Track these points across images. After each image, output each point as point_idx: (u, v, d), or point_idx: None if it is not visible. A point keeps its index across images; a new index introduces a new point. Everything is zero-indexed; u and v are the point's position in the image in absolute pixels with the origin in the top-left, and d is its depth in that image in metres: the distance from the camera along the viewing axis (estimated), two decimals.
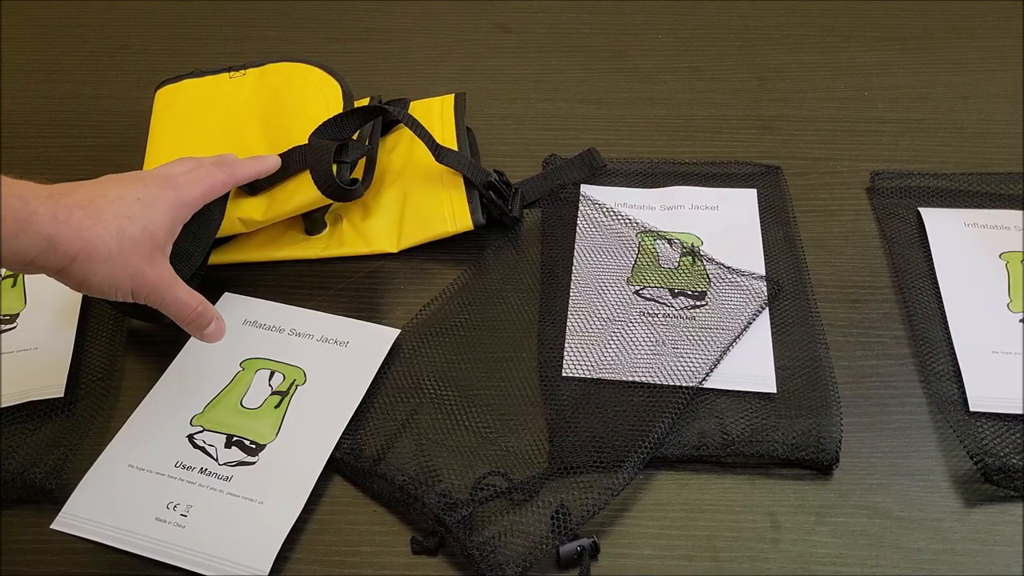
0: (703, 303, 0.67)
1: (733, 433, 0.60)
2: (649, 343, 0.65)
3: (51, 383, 0.64)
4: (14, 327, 0.67)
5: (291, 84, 0.78)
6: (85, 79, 0.92)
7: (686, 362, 0.63)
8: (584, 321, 0.67)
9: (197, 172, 0.63)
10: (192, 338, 0.67)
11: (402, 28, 0.97)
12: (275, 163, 0.69)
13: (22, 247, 0.51)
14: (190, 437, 0.61)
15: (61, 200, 0.53)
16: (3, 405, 0.62)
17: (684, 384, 0.62)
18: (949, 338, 0.65)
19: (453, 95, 0.81)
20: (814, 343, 0.65)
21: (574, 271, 0.70)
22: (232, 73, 0.81)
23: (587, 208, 0.74)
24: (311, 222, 0.73)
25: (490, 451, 0.60)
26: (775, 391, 0.62)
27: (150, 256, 0.56)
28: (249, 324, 0.68)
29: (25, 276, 0.71)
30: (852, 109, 0.85)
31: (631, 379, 0.63)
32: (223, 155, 0.68)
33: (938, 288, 0.68)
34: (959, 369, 0.63)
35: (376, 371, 0.64)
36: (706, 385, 0.62)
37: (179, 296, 0.58)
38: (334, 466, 0.60)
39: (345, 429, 0.60)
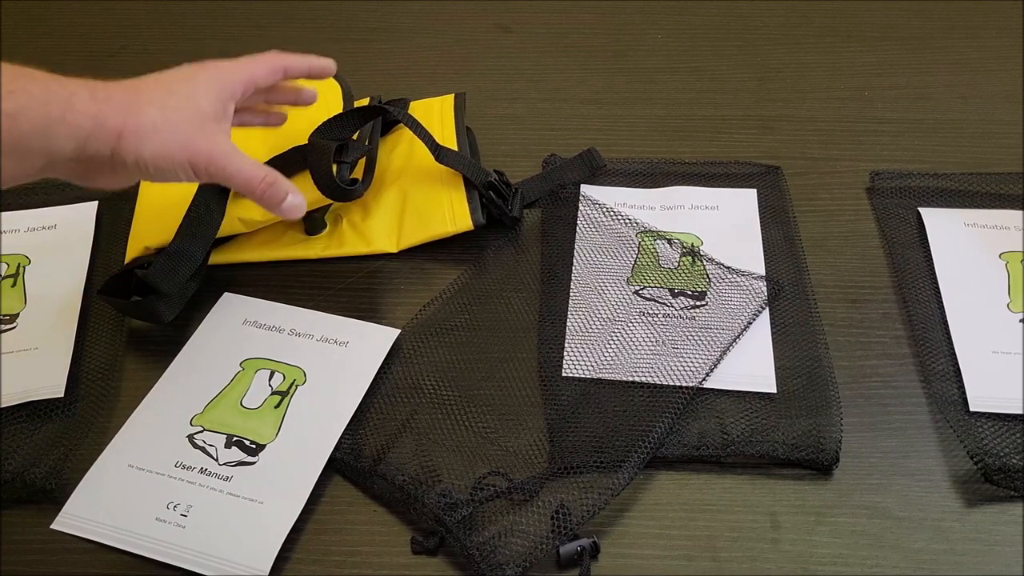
0: (703, 303, 0.67)
1: (733, 433, 0.60)
2: (649, 343, 0.65)
3: (51, 383, 0.64)
4: (14, 327, 0.67)
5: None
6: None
7: (686, 362, 0.63)
8: (584, 321, 0.67)
9: (239, 59, 0.61)
10: (192, 338, 0.67)
11: (402, 28, 0.97)
12: (328, 65, 0.65)
13: (71, 130, 0.51)
14: (190, 437, 0.61)
15: (99, 85, 0.53)
16: (3, 405, 0.62)
17: (684, 384, 0.62)
18: (949, 338, 0.65)
19: (453, 95, 0.81)
20: (814, 343, 0.65)
21: (574, 271, 0.70)
22: None
23: (587, 208, 0.74)
24: (311, 222, 0.73)
25: (490, 451, 0.60)
26: (775, 391, 0.62)
27: (200, 125, 0.55)
28: (249, 324, 0.68)
29: (25, 276, 0.71)
30: (852, 109, 0.85)
31: (631, 379, 0.63)
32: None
33: (938, 288, 0.68)
34: (959, 369, 0.63)
35: (376, 371, 0.64)
36: (706, 385, 0.62)
37: (243, 167, 0.56)
38: (334, 466, 0.60)
39: (345, 429, 0.60)
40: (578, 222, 0.74)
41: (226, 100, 0.58)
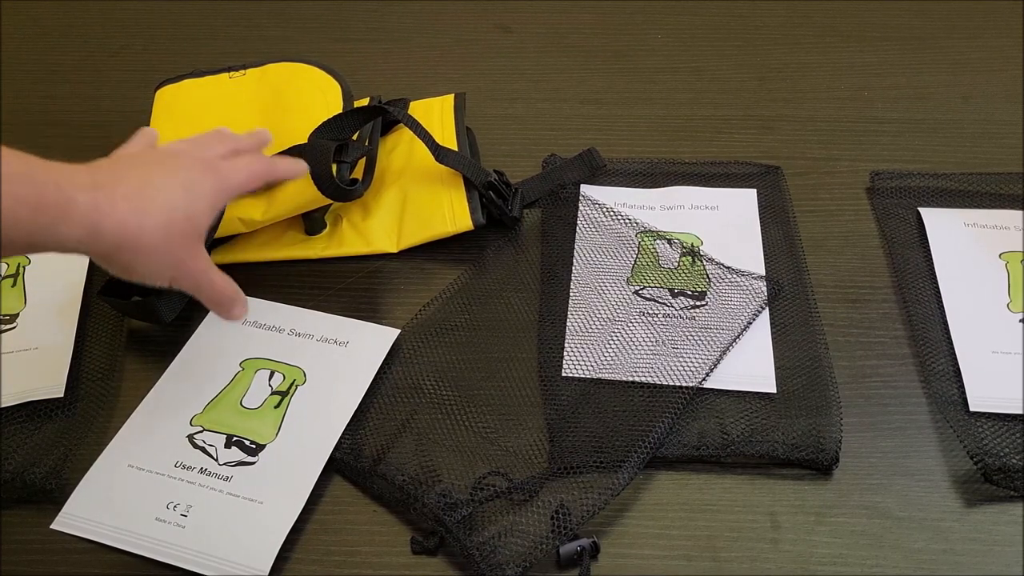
0: (703, 303, 0.67)
1: (733, 433, 0.60)
2: (649, 343, 0.65)
3: (51, 383, 0.64)
4: (14, 327, 0.67)
5: (291, 84, 0.78)
6: (85, 79, 0.92)
7: (686, 362, 0.63)
8: (584, 321, 0.67)
9: (239, 160, 0.61)
10: (192, 338, 0.67)
11: (402, 28, 0.97)
12: (305, 169, 0.67)
13: (62, 236, 0.50)
14: (190, 437, 0.61)
15: (105, 191, 0.51)
16: (3, 405, 0.62)
17: (684, 384, 0.62)
18: (949, 338, 0.65)
19: (453, 95, 0.81)
20: (814, 343, 0.65)
21: (574, 271, 0.70)
22: (232, 73, 0.81)
23: (587, 208, 0.74)
24: (311, 222, 0.73)
25: (490, 451, 0.60)
26: (775, 391, 0.62)
27: (192, 245, 0.56)
28: (249, 324, 0.68)
29: (25, 276, 0.71)
30: (852, 109, 0.85)
31: (631, 379, 0.63)
32: (258, 135, 0.67)
33: (938, 288, 0.68)
34: (959, 369, 0.63)
35: (376, 371, 0.64)
36: (706, 385, 0.62)
37: (213, 282, 0.58)
38: (334, 466, 0.60)
39: (345, 429, 0.60)
40: (578, 222, 0.74)
41: (217, 210, 0.59)
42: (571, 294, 0.69)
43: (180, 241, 0.54)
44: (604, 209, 0.74)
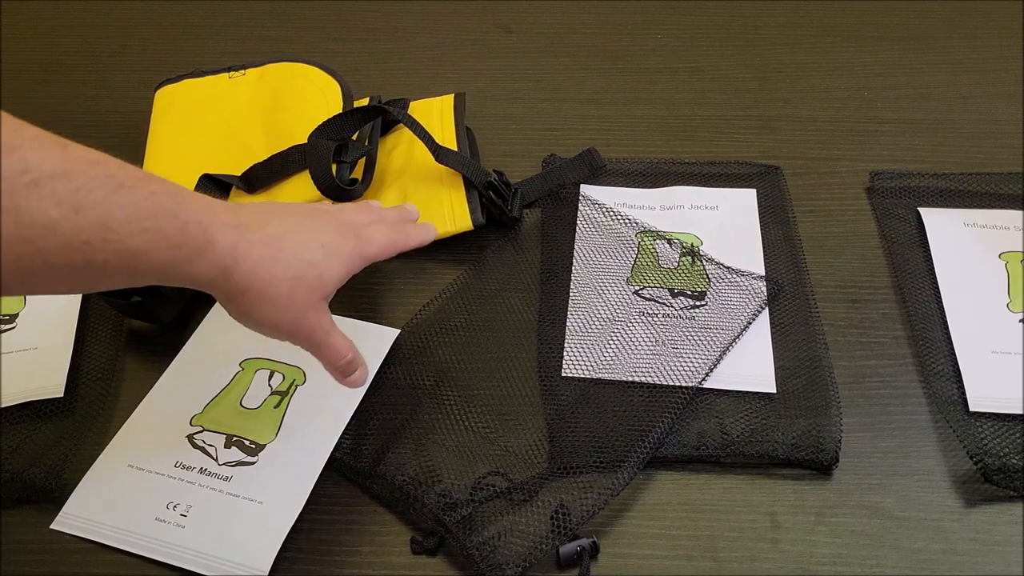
0: (703, 303, 0.67)
1: (733, 433, 0.60)
2: (649, 343, 0.65)
3: (51, 383, 0.64)
4: (14, 327, 0.67)
5: (291, 84, 0.78)
6: (85, 79, 0.92)
7: (686, 362, 0.63)
8: (584, 321, 0.67)
9: (379, 229, 0.61)
10: (192, 338, 0.67)
11: (402, 28, 0.97)
12: (434, 232, 0.67)
13: (195, 272, 0.49)
14: (190, 437, 0.61)
15: (246, 233, 0.51)
16: (3, 405, 0.62)
17: (684, 384, 0.62)
18: (949, 338, 0.65)
19: (453, 95, 0.81)
20: (814, 343, 0.65)
21: (574, 271, 0.70)
22: (232, 73, 0.81)
23: (587, 208, 0.74)
24: None
25: (490, 451, 0.60)
26: (775, 391, 0.62)
27: (316, 304, 0.54)
28: None
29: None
30: (852, 109, 0.85)
31: (631, 379, 0.63)
32: (404, 211, 0.67)
33: (938, 288, 0.68)
34: (959, 369, 0.63)
35: (376, 371, 0.64)
36: (706, 385, 0.62)
37: (333, 342, 0.56)
38: (334, 466, 0.60)
39: (345, 429, 0.60)
40: (578, 222, 0.74)
41: (350, 275, 0.57)
42: (571, 294, 0.69)
43: (306, 297, 0.53)
44: (604, 209, 0.74)
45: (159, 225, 0.46)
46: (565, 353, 0.65)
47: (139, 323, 0.69)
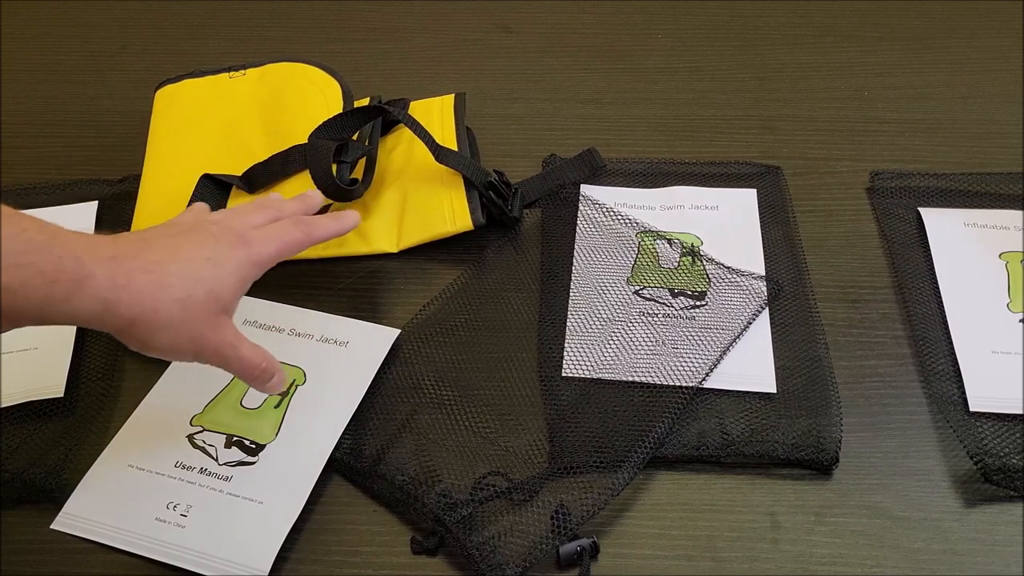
0: (703, 303, 0.67)
1: (733, 433, 0.60)
2: (649, 343, 0.65)
3: (51, 383, 0.64)
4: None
5: (291, 84, 0.78)
6: (85, 79, 0.92)
7: (686, 362, 0.63)
8: (584, 321, 0.67)
9: (273, 229, 0.58)
10: None
11: (402, 28, 0.97)
12: (355, 221, 0.64)
13: (75, 309, 0.48)
14: (190, 437, 0.61)
15: (124, 263, 0.49)
16: (3, 405, 0.62)
17: (684, 384, 0.62)
18: (949, 338, 0.65)
19: (453, 95, 0.81)
20: (814, 343, 0.65)
21: (574, 271, 0.70)
22: (232, 73, 0.81)
23: (587, 208, 0.74)
24: None
25: (490, 451, 0.60)
26: (775, 391, 0.62)
27: (215, 319, 0.53)
28: (249, 324, 0.68)
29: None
30: (852, 109, 0.85)
31: (631, 379, 0.63)
32: (306, 199, 0.64)
33: (938, 288, 0.68)
34: (959, 369, 0.63)
35: (376, 371, 0.64)
36: (706, 385, 0.62)
37: (242, 356, 0.55)
38: (334, 466, 0.60)
39: (345, 429, 0.60)
40: (578, 222, 0.74)
41: (247, 283, 0.56)
42: (571, 294, 0.69)
43: (201, 316, 0.52)
44: (604, 209, 0.74)
45: (32, 260, 0.45)
46: (565, 353, 0.65)
47: None
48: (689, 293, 0.68)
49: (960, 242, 0.71)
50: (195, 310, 0.52)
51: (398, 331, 0.67)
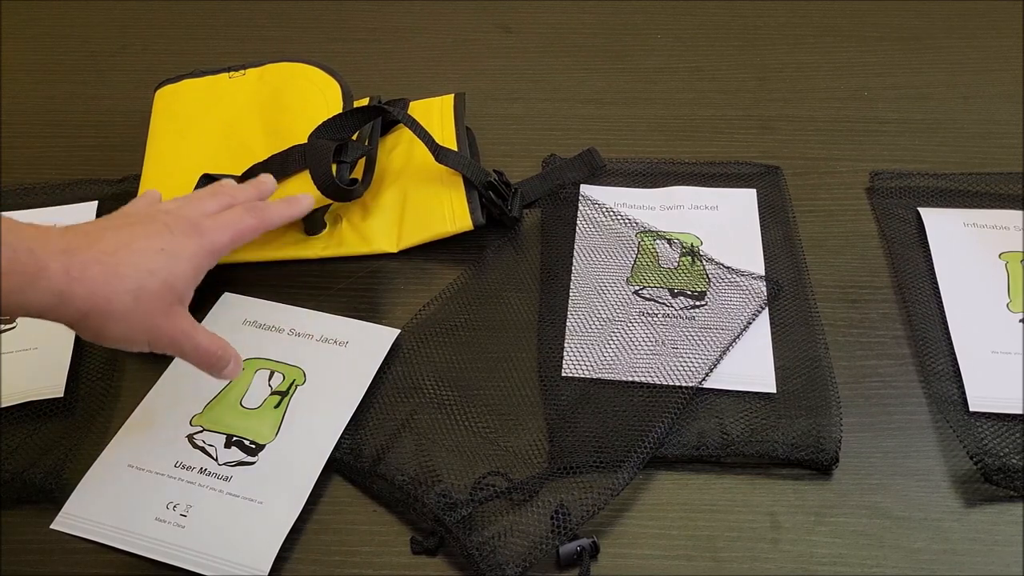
0: (703, 303, 0.67)
1: (733, 433, 0.60)
2: (649, 343, 0.65)
3: (51, 383, 0.64)
4: (14, 327, 0.67)
5: (291, 84, 0.78)
6: (85, 79, 0.92)
7: (686, 362, 0.63)
8: (584, 321, 0.67)
9: (226, 217, 0.59)
10: None
11: (402, 28, 0.97)
12: (308, 204, 0.66)
13: (28, 301, 0.48)
14: (190, 437, 0.61)
15: (77, 255, 0.50)
16: (3, 405, 0.62)
17: (684, 384, 0.62)
18: (949, 338, 0.65)
19: (453, 95, 0.81)
20: (814, 343, 0.65)
21: (574, 271, 0.70)
22: (232, 73, 0.81)
23: (587, 208, 0.74)
24: (311, 222, 0.73)
25: (490, 451, 0.60)
26: (775, 391, 0.62)
27: (168, 309, 0.53)
28: (249, 324, 0.68)
29: None
30: (852, 109, 0.85)
31: (631, 379, 0.63)
32: (259, 185, 0.65)
33: (938, 288, 0.68)
34: (959, 369, 0.63)
35: (376, 371, 0.64)
36: (706, 385, 0.62)
37: (198, 344, 0.56)
38: (334, 466, 0.60)
39: (345, 429, 0.60)
40: (578, 222, 0.74)
41: (201, 272, 0.56)
42: (571, 294, 0.69)
43: (155, 306, 0.52)
44: (604, 209, 0.74)
45: None
46: (565, 353, 0.65)
47: None
48: (689, 293, 0.68)
49: (960, 242, 0.71)
50: (149, 301, 0.52)
51: (398, 331, 0.67)
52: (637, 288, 0.69)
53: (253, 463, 0.59)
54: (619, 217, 0.73)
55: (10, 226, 0.48)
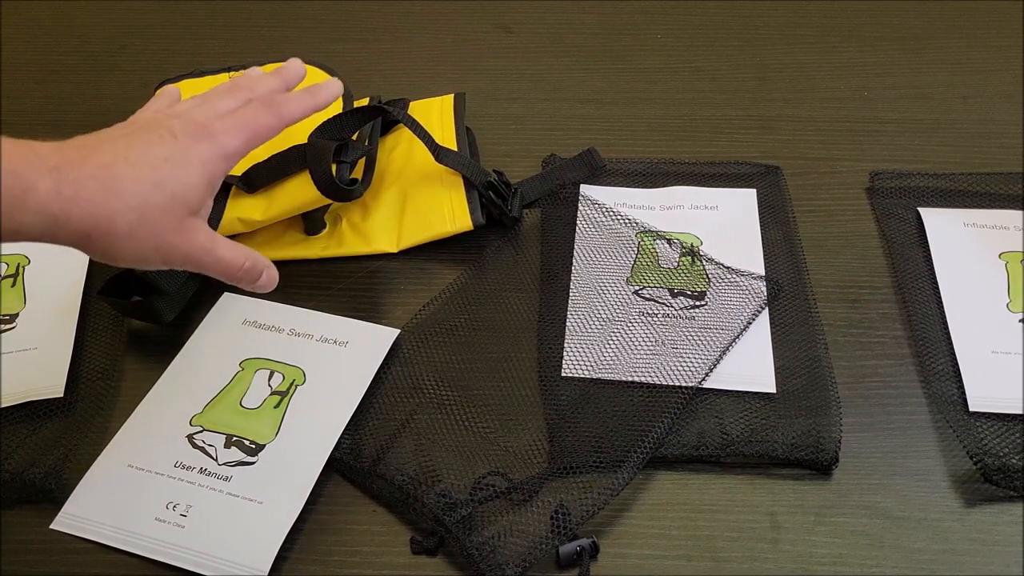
0: (703, 303, 0.67)
1: (733, 433, 0.60)
2: (649, 343, 0.65)
3: (51, 383, 0.64)
4: (14, 327, 0.67)
5: None
6: (85, 79, 0.92)
7: (686, 362, 0.63)
8: (583, 321, 0.67)
9: (239, 115, 0.54)
10: (192, 338, 0.67)
11: (402, 28, 0.97)
12: (336, 90, 0.59)
13: (20, 226, 0.44)
14: (190, 437, 0.61)
15: (70, 172, 0.46)
16: (3, 405, 0.62)
17: (684, 384, 0.62)
18: (949, 338, 0.65)
19: (453, 95, 0.81)
20: (814, 343, 0.65)
21: (573, 271, 0.70)
22: (232, 73, 0.81)
23: (587, 208, 0.74)
24: (311, 222, 0.73)
25: (490, 451, 0.60)
26: (775, 391, 0.62)
27: (179, 224, 0.49)
28: (249, 324, 0.68)
29: (25, 276, 0.71)
30: (852, 109, 0.85)
31: (631, 379, 0.63)
32: (284, 73, 0.59)
33: (938, 288, 0.68)
34: (959, 369, 0.63)
35: (376, 371, 0.64)
36: (706, 385, 0.62)
37: (221, 258, 0.51)
38: (334, 466, 0.60)
39: (345, 429, 0.60)
40: (578, 222, 0.74)
41: (216, 179, 0.52)
42: (571, 294, 0.69)
43: (164, 221, 0.48)
44: (604, 209, 0.74)
45: None
46: (565, 353, 0.65)
47: (139, 323, 0.69)
48: (689, 293, 0.68)
49: (960, 242, 0.71)
50: (156, 216, 0.48)
51: (398, 331, 0.67)
52: (637, 288, 0.69)
53: (253, 463, 0.59)
54: (619, 217, 0.73)
55: None
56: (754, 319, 0.66)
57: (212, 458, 0.59)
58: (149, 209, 0.48)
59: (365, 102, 0.78)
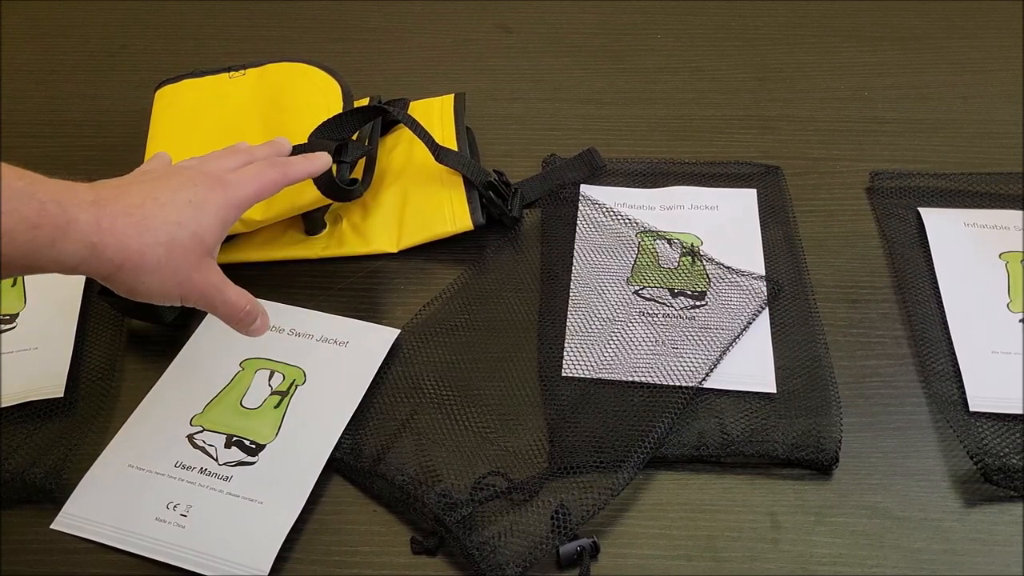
0: (703, 303, 0.67)
1: (733, 433, 0.60)
2: (649, 343, 0.65)
3: (51, 383, 0.64)
4: (14, 327, 0.67)
5: (291, 84, 0.78)
6: (85, 79, 0.92)
7: (686, 362, 0.63)
8: (584, 321, 0.67)
9: (249, 170, 0.59)
10: (192, 338, 0.67)
11: (402, 28, 0.97)
12: (326, 162, 0.65)
13: (61, 254, 0.48)
14: (190, 437, 0.61)
15: (107, 207, 0.50)
16: (3, 405, 0.62)
17: (684, 384, 0.62)
18: (949, 338, 0.65)
19: (453, 95, 0.81)
20: (814, 343, 0.65)
21: (574, 271, 0.70)
22: (232, 73, 0.81)
23: (587, 208, 0.74)
24: (311, 222, 0.73)
25: (490, 451, 0.60)
26: (775, 391, 0.62)
27: (199, 262, 0.54)
28: None
29: (25, 276, 0.71)
30: (852, 109, 0.85)
31: (631, 379, 0.63)
32: (275, 145, 0.65)
33: (938, 288, 0.68)
34: (959, 369, 0.63)
35: (376, 371, 0.64)
36: (706, 385, 0.62)
37: (228, 299, 0.56)
38: (334, 466, 0.60)
39: (345, 429, 0.60)
40: (578, 222, 0.74)
41: (227, 224, 0.57)
42: (571, 294, 0.69)
43: (185, 258, 0.53)
44: (604, 209, 0.74)
45: (15, 207, 0.46)
46: (565, 353, 0.65)
47: (139, 323, 0.69)
48: (689, 293, 0.68)
49: (960, 242, 0.71)
50: (180, 253, 0.52)
51: (398, 331, 0.67)
52: (637, 288, 0.69)
53: (253, 463, 0.59)
54: (619, 217, 0.73)
55: (36, 179, 0.48)
56: (754, 319, 0.66)
57: (212, 458, 0.59)
58: (175, 246, 0.52)
59: (365, 102, 0.78)
